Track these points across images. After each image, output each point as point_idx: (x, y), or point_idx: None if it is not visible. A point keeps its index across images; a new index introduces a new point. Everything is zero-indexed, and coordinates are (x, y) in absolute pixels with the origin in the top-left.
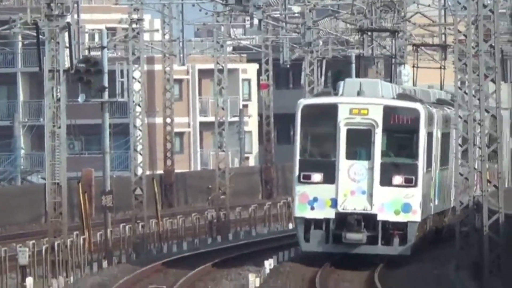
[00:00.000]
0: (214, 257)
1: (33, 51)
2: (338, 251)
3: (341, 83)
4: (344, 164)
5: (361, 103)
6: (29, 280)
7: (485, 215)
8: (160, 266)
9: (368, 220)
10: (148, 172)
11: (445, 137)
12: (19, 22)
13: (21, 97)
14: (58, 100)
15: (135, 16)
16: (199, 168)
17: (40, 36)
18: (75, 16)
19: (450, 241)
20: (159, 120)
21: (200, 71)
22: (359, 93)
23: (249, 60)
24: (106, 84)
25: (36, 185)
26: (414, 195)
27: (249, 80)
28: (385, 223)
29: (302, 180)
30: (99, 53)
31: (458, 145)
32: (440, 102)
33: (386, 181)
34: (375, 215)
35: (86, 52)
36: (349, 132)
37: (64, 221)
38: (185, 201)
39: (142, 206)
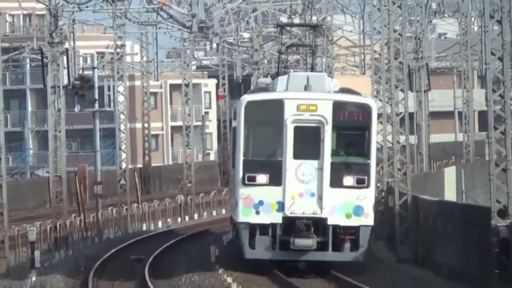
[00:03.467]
0: (183, 232)
1: (39, 71)
2: (286, 258)
3: (284, 77)
4: (291, 164)
5: (310, 99)
6: (37, 253)
7: (396, 196)
8: (140, 240)
9: (317, 225)
10: (130, 166)
11: None
12: (28, 48)
13: (29, 108)
14: (59, 110)
15: (119, 43)
16: (171, 162)
17: (44, 59)
18: (72, 43)
19: None
20: (138, 125)
21: (171, 85)
22: (306, 88)
23: (209, 76)
24: (96, 97)
25: (42, 178)
26: (367, 197)
27: (209, 92)
28: (335, 227)
29: (246, 182)
30: (90, 72)
31: (376, 141)
32: None
33: (336, 182)
34: (325, 219)
35: (81, 72)
36: (296, 129)
37: (64, 206)
38: (159, 188)
39: (126, 193)
